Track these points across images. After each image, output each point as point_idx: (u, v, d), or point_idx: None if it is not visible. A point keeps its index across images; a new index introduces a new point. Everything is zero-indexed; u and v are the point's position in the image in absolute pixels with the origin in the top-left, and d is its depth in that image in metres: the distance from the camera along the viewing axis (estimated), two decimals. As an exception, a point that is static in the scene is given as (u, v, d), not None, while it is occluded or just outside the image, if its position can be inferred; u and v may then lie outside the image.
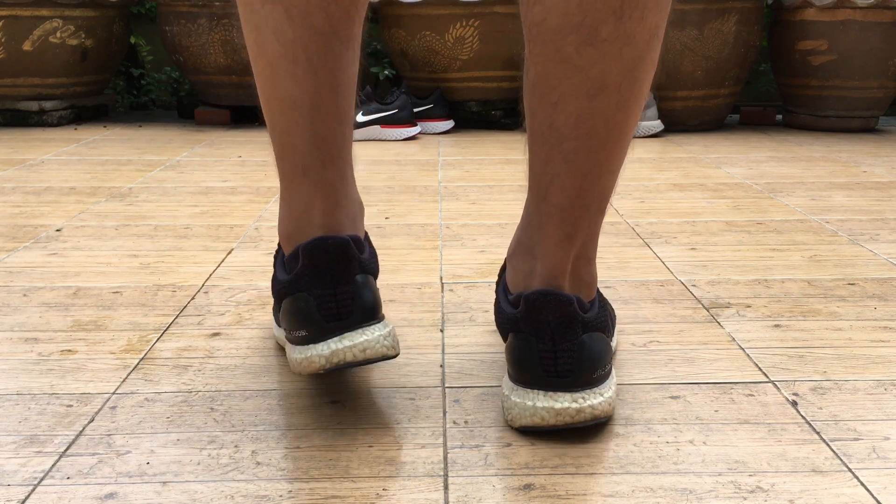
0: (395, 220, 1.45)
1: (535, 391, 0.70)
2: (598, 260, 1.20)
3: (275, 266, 0.79)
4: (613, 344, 0.89)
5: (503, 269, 0.86)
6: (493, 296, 1.06)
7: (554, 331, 0.70)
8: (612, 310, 0.89)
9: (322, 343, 0.70)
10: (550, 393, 0.70)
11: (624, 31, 0.67)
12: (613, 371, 0.76)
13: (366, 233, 0.84)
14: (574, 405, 0.69)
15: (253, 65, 0.75)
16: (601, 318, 0.74)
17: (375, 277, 0.77)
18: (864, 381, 0.81)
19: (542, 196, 0.73)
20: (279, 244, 0.81)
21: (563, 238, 0.73)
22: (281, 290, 0.73)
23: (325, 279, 0.70)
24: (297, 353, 0.72)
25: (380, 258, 1.22)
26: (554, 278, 0.73)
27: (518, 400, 0.71)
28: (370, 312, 0.71)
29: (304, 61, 0.72)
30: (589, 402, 0.70)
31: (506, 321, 0.74)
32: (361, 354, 0.70)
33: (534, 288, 0.74)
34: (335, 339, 0.70)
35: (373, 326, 0.71)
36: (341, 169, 0.76)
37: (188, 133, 2.50)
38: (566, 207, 0.72)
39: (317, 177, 0.75)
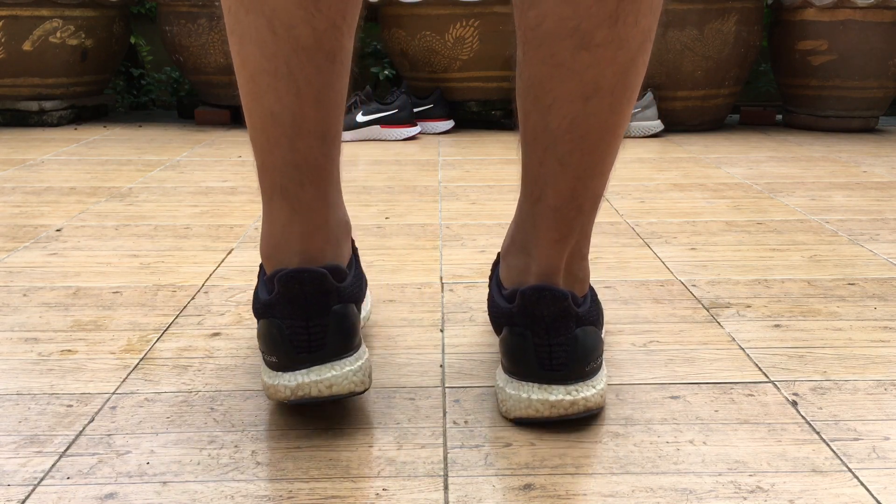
0: (395, 220, 1.45)
1: (530, 384, 0.71)
2: (598, 260, 1.21)
3: (258, 280, 0.77)
4: (604, 331, 0.90)
5: (496, 264, 0.86)
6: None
7: (549, 325, 0.71)
8: (600, 303, 0.91)
9: (290, 374, 0.70)
10: (545, 385, 0.71)
11: (618, 36, 0.67)
12: (604, 364, 0.77)
13: (353, 251, 0.82)
14: (568, 397, 0.71)
15: (237, 75, 0.73)
16: (593, 312, 0.75)
17: (359, 301, 0.76)
18: (864, 381, 0.81)
19: (537, 197, 0.74)
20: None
21: (557, 239, 0.74)
22: (258, 309, 0.72)
23: (299, 310, 0.69)
24: (267, 378, 0.72)
25: (380, 258, 1.22)
26: (548, 276, 0.74)
27: (513, 392, 0.72)
28: (342, 346, 0.70)
29: (287, 76, 0.69)
30: (582, 395, 0.71)
31: (500, 315, 0.75)
32: (327, 390, 0.69)
33: (529, 284, 0.74)
34: (303, 371, 0.69)
35: (343, 360, 0.70)
36: (323, 190, 0.73)
37: (188, 133, 2.50)
38: (560, 209, 0.73)
39: (294, 198, 0.72)
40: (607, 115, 0.70)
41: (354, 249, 0.85)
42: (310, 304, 0.69)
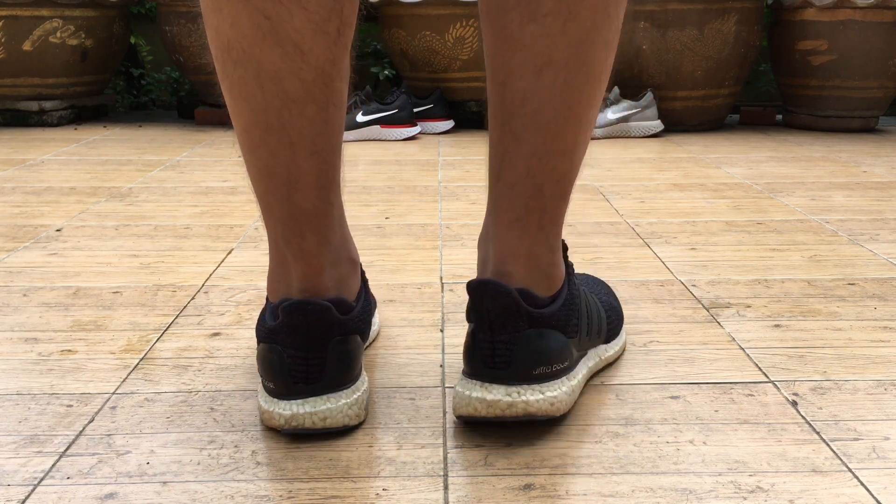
0: (395, 220, 1.45)
1: (474, 381, 0.70)
2: (598, 260, 1.20)
3: (266, 305, 0.77)
4: (617, 348, 0.86)
5: None
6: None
7: (493, 321, 0.69)
8: (619, 308, 0.87)
9: (285, 402, 0.70)
10: (486, 384, 0.69)
11: (566, 6, 0.66)
12: (578, 375, 0.74)
13: (363, 282, 0.82)
14: (507, 398, 0.68)
15: (234, 126, 0.72)
16: (562, 315, 0.71)
17: (364, 332, 0.76)
18: (864, 381, 0.81)
19: (497, 176, 0.72)
20: None
21: (513, 220, 0.71)
22: (262, 332, 0.72)
23: (300, 341, 0.69)
24: (263, 402, 0.72)
25: (380, 258, 1.22)
26: (503, 263, 0.71)
27: (460, 389, 0.71)
28: (340, 379, 0.70)
29: (278, 129, 0.68)
30: (523, 398, 0.68)
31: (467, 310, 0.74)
32: (321, 423, 0.69)
33: (484, 274, 0.73)
34: (298, 401, 0.69)
35: (339, 393, 0.70)
36: (324, 235, 0.73)
37: (188, 133, 2.50)
38: (516, 186, 0.70)
39: (295, 247, 0.72)
40: (562, 88, 0.68)
41: (364, 280, 0.84)
42: (311, 336, 0.69)
